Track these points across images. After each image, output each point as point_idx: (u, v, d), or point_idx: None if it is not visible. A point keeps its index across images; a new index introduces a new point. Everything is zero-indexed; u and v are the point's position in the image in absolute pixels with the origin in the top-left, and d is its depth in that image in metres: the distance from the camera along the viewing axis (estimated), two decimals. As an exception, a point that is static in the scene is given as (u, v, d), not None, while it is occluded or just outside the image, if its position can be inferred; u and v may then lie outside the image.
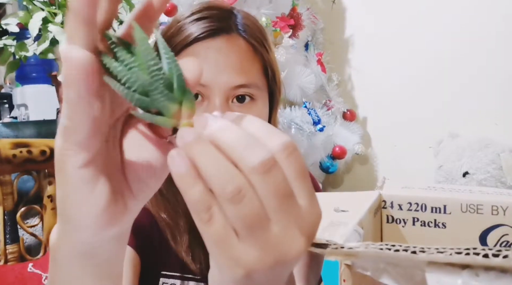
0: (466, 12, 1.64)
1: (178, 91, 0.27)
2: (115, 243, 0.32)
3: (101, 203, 0.28)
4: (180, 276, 0.72)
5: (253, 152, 0.24)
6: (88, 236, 0.29)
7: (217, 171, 0.24)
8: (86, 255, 0.31)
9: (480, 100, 1.63)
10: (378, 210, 0.51)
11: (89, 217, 0.28)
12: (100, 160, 0.28)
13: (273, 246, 0.25)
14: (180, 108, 0.27)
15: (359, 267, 0.26)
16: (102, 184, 0.28)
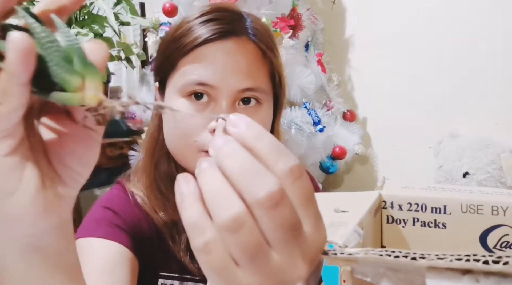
0: (466, 12, 1.64)
1: (79, 63, 0.26)
2: (59, 234, 0.31)
3: (31, 189, 0.27)
4: (179, 276, 0.72)
5: (259, 184, 0.23)
6: (26, 227, 0.28)
7: (216, 196, 0.24)
8: (29, 250, 0.30)
9: (480, 100, 1.63)
10: (378, 210, 0.51)
11: (21, 206, 0.27)
12: (24, 146, 0.27)
13: (274, 274, 0.24)
14: (83, 82, 0.26)
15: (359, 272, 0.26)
16: (30, 170, 0.27)
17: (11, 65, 0.23)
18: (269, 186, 0.23)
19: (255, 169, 0.24)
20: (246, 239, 0.23)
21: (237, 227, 0.23)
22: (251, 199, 0.23)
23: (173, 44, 0.67)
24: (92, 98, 0.25)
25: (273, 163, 0.24)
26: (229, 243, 0.24)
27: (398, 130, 1.82)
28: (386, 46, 1.82)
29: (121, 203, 0.70)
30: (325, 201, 0.51)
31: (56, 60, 0.25)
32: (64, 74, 0.25)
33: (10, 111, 0.25)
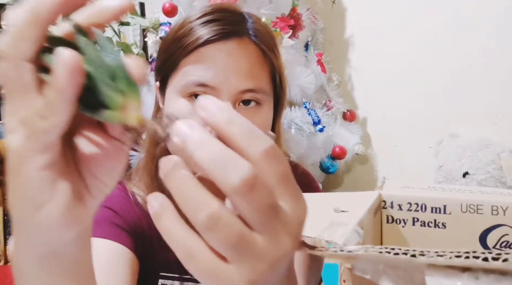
0: (466, 12, 1.64)
1: (122, 81, 0.26)
2: (80, 242, 0.31)
3: (63, 203, 0.27)
4: (179, 277, 0.72)
5: (232, 172, 0.23)
6: (52, 237, 0.28)
7: (188, 200, 0.24)
8: (50, 257, 0.30)
9: (480, 100, 1.63)
10: (378, 210, 0.51)
11: (51, 218, 0.27)
12: (60, 160, 0.27)
13: (263, 257, 0.24)
14: (125, 100, 0.25)
15: (359, 270, 0.26)
16: (63, 184, 0.27)
17: (59, 82, 0.24)
18: (242, 172, 0.23)
19: (226, 157, 0.24)
20: (226, 233, 0.23)
21: (214, 225, 0.23)
22: (226, 187, 0.23)
23: (175, 44, 0.67)
24: (134, 118, 0.25)
25: (246, 147, 0.24)
26: (212, 242, 0.24)
27: (398, 130, 1.82)
28: (386, 47, 1.82)
29: (121, 203, 0.70)
30: (325, 201, 0.51)
31: (102, 78, 0.25)
32: (110, 92, 0.25)
33: (54, 127, 0.25)
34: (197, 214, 0.23)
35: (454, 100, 1.68)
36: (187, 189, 0.24)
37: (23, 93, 0.25)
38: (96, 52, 0.26)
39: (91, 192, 0.30)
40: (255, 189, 0.23)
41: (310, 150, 1.64)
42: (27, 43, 0.25)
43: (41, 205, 0.27)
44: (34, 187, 0.26)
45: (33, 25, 0.25)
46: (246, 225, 0.24)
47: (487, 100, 1.61)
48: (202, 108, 0.25)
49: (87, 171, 0.30)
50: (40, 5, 0.25)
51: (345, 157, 1.73)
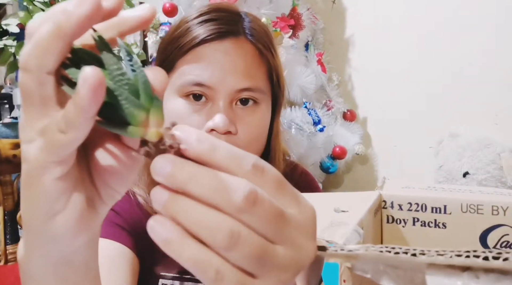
0: (466, 12, 1.64)
1: (145, 98, 0.26)
2: (89, 247, 0.31)
3: (77, 212, 0.27)
4: (179, 277, 0.72)
5: (233, 191, 0.23)
6: (64, 245, 0.29)
7: (201, 224, 0.24)
8: (61, 263, 0.30)
9: (480, 100, 1.63)
10: (378, 210, 0.51)
11: (65, 226, 0.27)
12: (75, 170, 0.27)
13: (288, 266, 0.25)
14: (147, 116, 0.26)
15: (359, 269, 0.26)
16: (77, 193, 0.27)
17: (81, 99, 0.23)
18: (241, 189, 0.23)
19: (222, 181, 0.24)
20: (249, 247, 0.24)
21: (236, 242, 0.23)
22: (231, 209, 0.24)
23: (172, 44, 0.68)
24: (155, 135, 0.25)
25: (236, 168, 0.24)
26: (235, 259, 0.24)
27: (398, 130, 1.82)
28: (386, 46, 1.82)
29: (122, 203, 0.70)
30: (325, 201, 0.51)
31: (124, 94, 0.25)
32: (132, 108, 0.25)
33: (72, 140, 0.25)
34: (216, 236, 0.23)
35: (454, 100, 1.68)
36: (197, 215, 0.24)
37: (43, 105, 0.25)
38: (119, 67, 0.26)
39: (103, 199, 0.30)
40: (259, 202, 0.24)
41: (310, 150, 1.64)
42: (50, 56, 0.25)
43: (55, 214, 0.27)
44: (49, 196, 0.26)
45: (57, 39, 0.24)
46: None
47: (487, 100, 1.61)
48: (183, 142, 0.25)
49: (100, 180, 0.30)
50: (66, 20, 0.24)
51: (345, 156, 1.73)
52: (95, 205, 0.30)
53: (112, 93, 0.25)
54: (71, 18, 0.24)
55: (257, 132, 0.67)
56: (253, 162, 0.25)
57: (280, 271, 0.25)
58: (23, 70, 0.25)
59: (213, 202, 0.24)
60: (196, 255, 0.24)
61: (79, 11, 0.24)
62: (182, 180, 0.24)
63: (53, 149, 0.25)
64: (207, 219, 0.23)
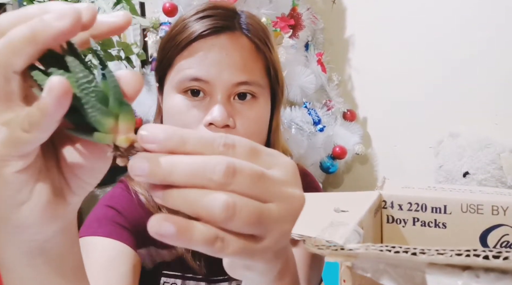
0: (467, 13, 1.64)
1: (114, 104, 0.26)
2: (63, 236, 0.32)
3: (42, 201, 0.28)
4: (181, 275, 0.72)
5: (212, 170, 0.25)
6: (33, 233, 0.29)
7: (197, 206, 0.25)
8: (34, 253, 0.31)
9: (480, 100, 1.63)
10: (378, 210, 0.51)
11: (31, 216, 0.28)
12: (38, 161, 0.28)
13: (286, 216, 0.27)
14: (116, 123, 0.26)
15: (359, 268, 0.26)
16: (42, 183, 0.28)
17: (45, 105, 0.24)
18: (219, 166, 0.25)
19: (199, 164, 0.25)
20: (246, 214, 0.25)
21: (233, 212, 0.24)
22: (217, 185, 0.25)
23: (170, 42, 0.68)
24: (124, 141, 0.26)
25: (209, 152, 0.26)
26: (239, 228, 0.25)
27: (398, 130, 1.82)
28: (386, 46, 1.82)
29: (124, 202, 0.70)
30: (325, 201, 0.51)
31: (91, 102, 0.25)
32: (99, 116, 0.25)
33: (34, 140, 0.25)
34: (213, 211, 0.24)
35: (454, 100, 1.68)
36: (189, 198, 0.25)
37: (8, 100, 0.26)
38: (86, 75, 0.25)
39: (73, 190, 0.30)
40: (238, 171, 0.25)
41: (310, 150, 1.64)
42: (19, 58, 0.25)
43: (20, 204, 0.27)
44: (12, 188, 0.27)
45: (30, 45, 0.25)
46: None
47: (487, 100, 1.61)
48: (151, 142, 0.25)
49: (69, 171, 0.30)
50: (42, 29, 0.25)
51: (345, 156, 1.73)
52: (64, 195, 0.30)
53: (79, 100, 0.25)
54: (48, 30, 0.24)
55: (256, 127, 0.67)
56: (223, 141, 0.26)
57: (280, 224, 0.27)
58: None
59: (199, 184, 0.25)
60: (204, 234, 0.25)
61: (57, 25, 0.24)
62: (163, 174, 0.25)
63: (14, 145, 0.25)
64: (200, 200, 0.25)
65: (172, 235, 0.24)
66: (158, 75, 0.72)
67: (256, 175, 0.26)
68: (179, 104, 0.65)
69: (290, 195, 0.28)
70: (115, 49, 1.57)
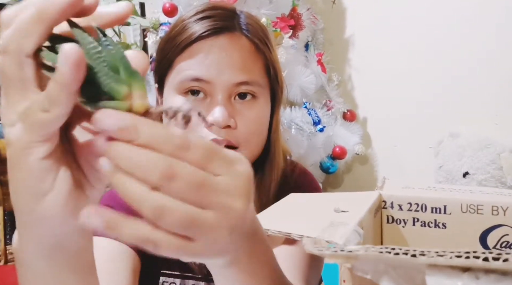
0: (467, 13, 1.64)
1: (125, 73, 0.26)
2: (82, 234, 0.32)
3: (65, 191, 0.28)
4: (180, 275, 0.72)
5: (151, 169, 0.25)
6: (55, 226, 0.29)
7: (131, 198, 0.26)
8: (54, 249, 0.31)
9: (480, 100, 1.63)
10: (378, 210, 0.51)
11: (54, 207, 0.28)
12: (59, 149, 0.28)
13: (220, 226, 0.27)
14: (130, 90, 0.26)
15: (359, 270, 0.26)
16: (63, 172, 0.28)
17: (63, 75, 0.24)
18: (158, 167, 0.25)
19: (143, 160, 0.25)
20: (176, 216, 0.26)
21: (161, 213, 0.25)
22: (154, 184, 0.25)
23: (169, 43, 0.68)
24: (140, 106, 0.26)
25: (161, 146, 0.26)
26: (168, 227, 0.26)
27: (398, 130, 1.82)
28: (386, 47, 1.82)
29: (123, 202, 0.71)
30: (325, 201, 0.51)
31: (104, 71, 0.26)
32: (113, 83, 0.26)
33: (55, 118, 0.26)
34: (143, 209, 0.25)
35: (454, 100, 1.68)
36: (126, 186, 0.26)
37: (23, 88, 0.26)
38: (95, 46, 0.26)
39: (91, 182, 0.31)
40: (177, 176, 0.25)
41: (310, 150, 1.64)
42: (29, 39, 0.25)
43: (44, 194, 0.28)
44: (36, 176, 0.27)
45: (38, 23, 0.25)
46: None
47: (487, 100, 1.62)
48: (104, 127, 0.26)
49: (85, 162, 0.30)
50: (47, 5, 0.25)
51: (345, 157, 1.73)
52: (83, 186, 0.30)
53: (92, 71, 0.26)
54: (54, 6, 0.25)
55: (256, 126, 0.67)
56: (178, 141, 0.26)
57: (213, 232, 0.27)
58: (3, 54, 0.26)
59: (140, 177, 0.25)
60: (133, 233, 0.26)
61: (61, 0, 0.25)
62: (114, 156, 0.26)
63: (36, 129, 0.26)
64: (134, 194, 0.26)
65: (99, 229, 0.25)
66: (157, 76, 0.72)
67: (195, 182, 0.26)
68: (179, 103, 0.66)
69: (228, 206, 0.27)
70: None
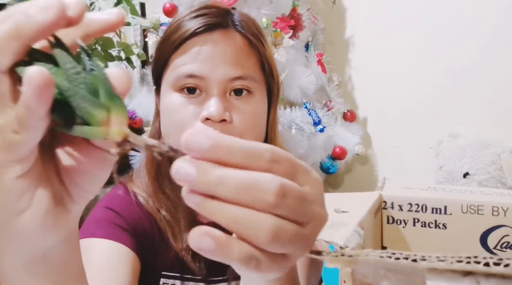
0: (467, 13, 1.64)
1: (105, 96, 0.24)
2: (66, 245, 0.31)
3: (42, 209, 0.27)
4: (180, 276, 0.72)
5: (264, 189, 0.24)
6: (34, 242, 0.28)
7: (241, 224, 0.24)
8: (36, 261, 0.30)
9: (480, 100, 1.63)
10: (379, 211, 0.51)
11: (31, 224, 0.27)
12: (37, 167, 0.27)
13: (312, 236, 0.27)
14: (108, 116, 0.24)
15: (360, 274, 0.26)
16: (41, 189, 0.27)
17: (28, 99, 0.23)
18: (272, 186, 0.24)
19: (250, 181, 0.24)
20: (288, 238, 0.25)
21: (278, 236, 0.24)
22: (266, 206, 0.24)
23: (165, 41, 0.69)
24: (118, 134, 0.25)
25: (256, 164, 0.24)
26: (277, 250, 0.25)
27: (398, 130, 1.82)
28: (386, 47, 1.82)
29: (123, 203, 0.71)
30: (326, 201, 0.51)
31: (81, 93, 0.24)
32: (90, 108, 0.24)
33: (25, 141, 0.25)
34: (258, 234, 0.24)
35: (454, 100, 1.68)
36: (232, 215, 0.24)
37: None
38: (74, 66, 0.25)
39: (74, 198, 0.30)
40: (288, 193, 0.24)
41: (311, 150, 1.64)
42: (4, 56, 0.24)
43: (20, 211, 0.27)
44: (12, 195, 0.26)
45: (15, 40, 0.24)
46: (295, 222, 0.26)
47: (487, 100, 1.61)
48: (194, 149, 0.24)
49: (68, 179, 0.29)
50: (26, 23, 0.24)
51: (345, 157, 1.73)
52: (64, 203, 0.29)
53: (68, 93, 0.24)
54: (32, 23, 0.24)
55: (252, 121, 0.67)
56: (269, 155, 0.25)
57: (307, 243, 0.27)
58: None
59: (246, 202, 0.24)
60: (241, 253, 0.24)
61: (41, 18, 0.24)
62: (210, 184, 0.24)
63: (8, 149, 0.25)
64: (246, 220, 0.24)
65: (211, 250, 0.24)
66: (154, 77, 0.73)
67: (301, 197, 0.25)
68: (176, 102, 0.66)
69: (320, 216, 0.27)
70: (115, 49, 1.56)
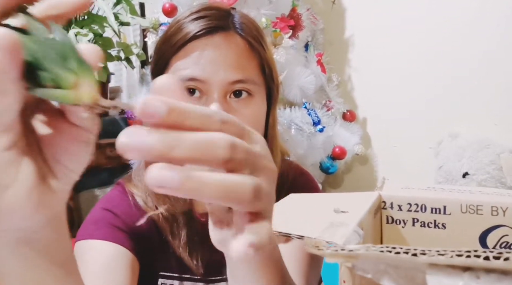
0: (466, 13, 1.64)
1: (74, 61, 0.25)
2: (51, 227, 0.31)
3: (28, 184, 0.27)
4: (179, 276, 0.72)
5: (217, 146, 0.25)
6: (19, 220, 0.29)
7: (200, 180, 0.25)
8: (21, 242, 0.30)
9: (480, 100, 1.63)
10: (378, 211, 0.51)
11: (17, 200, 0.27)
12: (22, 141, 0.27)
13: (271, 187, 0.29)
14: (78, 79, 0.25)
15: (360, 269, 0.26)
16: (26, 164, 0.27)
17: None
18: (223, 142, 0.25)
19: (206, 137, 0.25)
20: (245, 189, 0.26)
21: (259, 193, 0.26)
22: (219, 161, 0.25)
23: (165, 43, 0.69)
24: (87, 96, 0.25)
25: (207, 124, 0.25)
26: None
27: (398, 130, 1.82)
28: (386, 47, 1.82)
29: (121, 204, 0.71)
30: (325, 202, 0.51)
31: (51, 56, 0.25)
32: (60, 70, 0.25)
33: (6, 107, 0.25)
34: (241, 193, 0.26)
35: (454, 100, 1.68)
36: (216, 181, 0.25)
37: None
38: (45, 30, 0.25)
39: (57, 177, 0.30)
40: (238, 147, 0.26)
41: (310, 150, 1.64)
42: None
43: (6, 187, 0.27)
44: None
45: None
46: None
47: (487, 101, 1.62)
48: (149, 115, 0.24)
49: (50, 155, 0.30)
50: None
51: (345, 157, 1.73)
52: (48, 182, 0.29)
53: (39, 56, 0.25)
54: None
55: (252, 124, 0.67)
56: (219, 117, 0.26)
57: (270, 195, 0.28)
58: None
59: (199, 159, 0.25)
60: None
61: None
62: (164, 149, 0.24)
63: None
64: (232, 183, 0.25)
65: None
66: (154, 77, 0.72)
67: (248, 151, 0.27)
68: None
69: (270, 167, 0.29)
70: (114, 49, 1.57)
